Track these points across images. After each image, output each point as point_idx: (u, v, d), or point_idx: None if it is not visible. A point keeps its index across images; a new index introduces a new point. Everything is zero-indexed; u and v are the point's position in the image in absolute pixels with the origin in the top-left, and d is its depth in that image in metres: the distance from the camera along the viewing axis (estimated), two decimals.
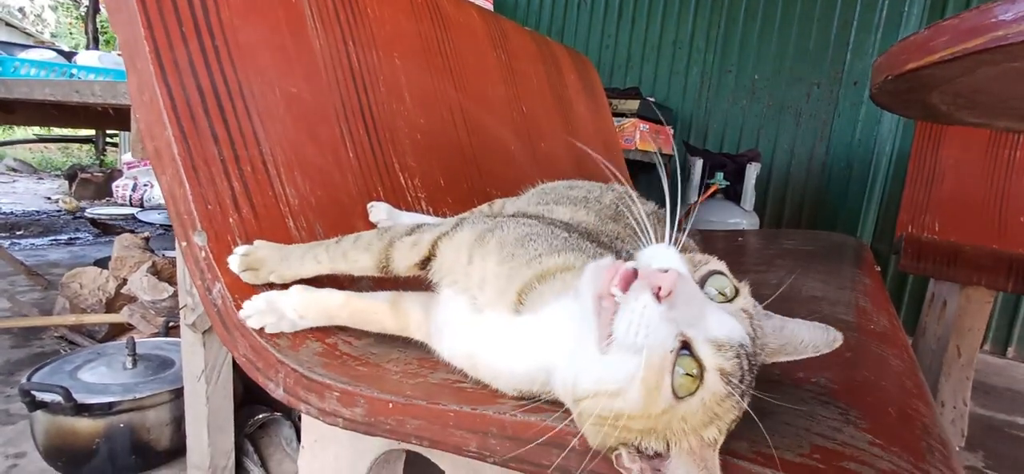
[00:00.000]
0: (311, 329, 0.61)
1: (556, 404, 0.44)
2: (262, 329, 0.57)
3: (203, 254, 0.58)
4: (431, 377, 0.52)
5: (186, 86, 0.61)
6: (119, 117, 1.57)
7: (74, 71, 1.50)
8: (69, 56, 1.81)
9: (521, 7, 3.33)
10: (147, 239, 1.94)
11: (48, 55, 1.81)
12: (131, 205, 4.31)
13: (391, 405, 0.47)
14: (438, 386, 0.50)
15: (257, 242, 0.63)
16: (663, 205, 0.83)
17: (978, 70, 0.63)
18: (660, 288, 0.36)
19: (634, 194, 0.83)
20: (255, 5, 0.71)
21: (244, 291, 0.58)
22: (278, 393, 0.55)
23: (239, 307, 0.57)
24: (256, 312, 0.58)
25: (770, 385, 0.46)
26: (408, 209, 0.89)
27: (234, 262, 0.60)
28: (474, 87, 1.16)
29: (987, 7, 0.52)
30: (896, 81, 0.70)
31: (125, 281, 1.67)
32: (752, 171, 2.39)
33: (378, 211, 0.82)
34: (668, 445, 0.36)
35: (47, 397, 1.02)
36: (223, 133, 0.63)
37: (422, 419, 0.46)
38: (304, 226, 0.68)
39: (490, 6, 2.34)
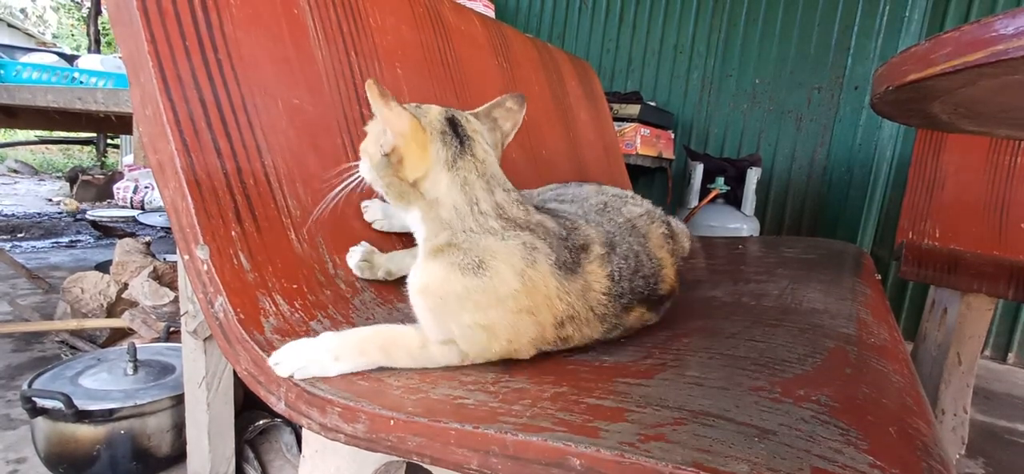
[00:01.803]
0: None
1: (559, 423, 0.44)
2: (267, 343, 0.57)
3: (205, 267, 0.58)
4: (432, 393, 0.52)
5: (189, 99, 0.61)
6: (121, 122, 1.57)
7: (77, 75, 1.50)
8: (71, 59, 1.81)
9: (523, 12, 3.33)
10: (148, 244, 1.94)
11: (50, 59, 1.81)
12: (132, 207, 4.32)
13: (392, 422, 0.48)
14: (440, 402, 0.50)
15: (364, 244, 0.75)
16: (660, 205, 0.86)
17: (979, 82, 0.63)
18: None
19: (629, 194, 0.85)
20: (258, 18, 0.71)
21: (248, 306, 0.58)
22: (280, 407, 0.55)
23: (241, 321, 0.57)
24: (284, 359, 0.56)
25: (772, 404, 0.47)
26: None
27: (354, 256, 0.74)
28: (476, 95, 1.16)
29: (988, 21, 0.52)
30: (897, 91, 0.70)
31: (126, 286, 1.67)
32: (753, 176, 2.39)
33: (373, 211, 0.83)
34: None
35: (48, 403, 1.03)
36: (226, 146, 0.63)
37: (423, 436, 0.46)
38: (305, 238, 0.68)
39: (492, 12, 2.35)
